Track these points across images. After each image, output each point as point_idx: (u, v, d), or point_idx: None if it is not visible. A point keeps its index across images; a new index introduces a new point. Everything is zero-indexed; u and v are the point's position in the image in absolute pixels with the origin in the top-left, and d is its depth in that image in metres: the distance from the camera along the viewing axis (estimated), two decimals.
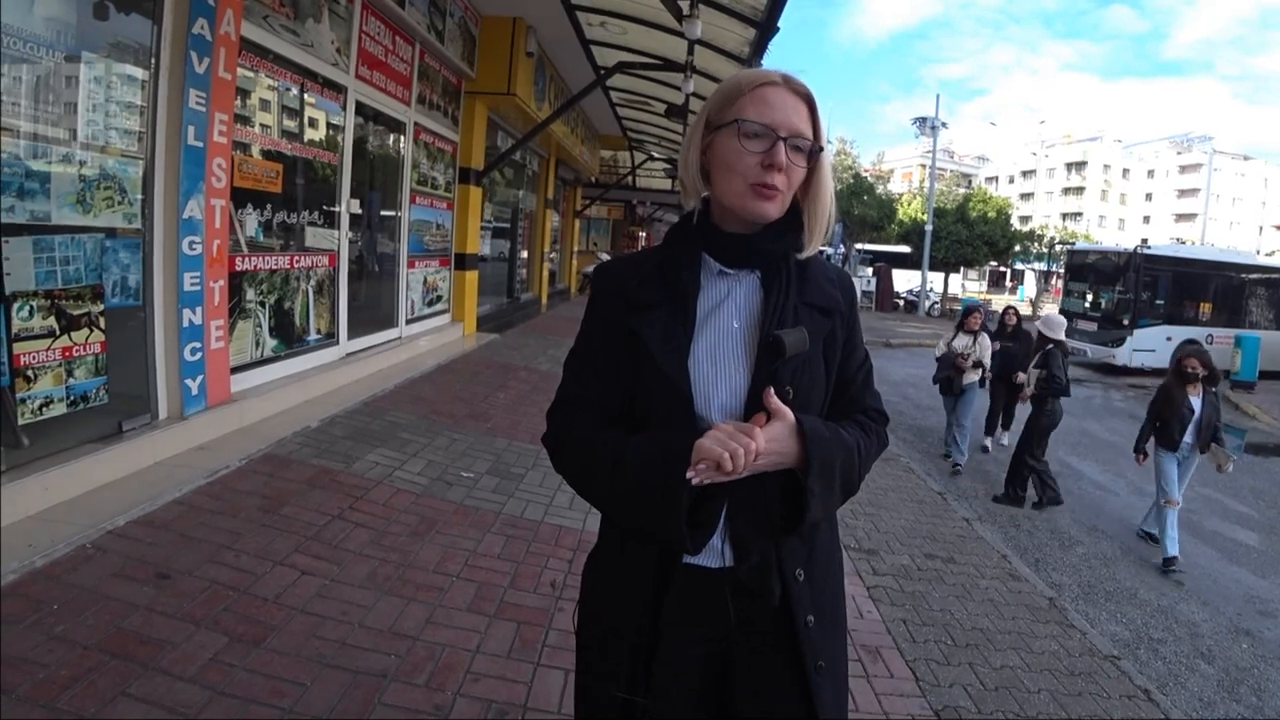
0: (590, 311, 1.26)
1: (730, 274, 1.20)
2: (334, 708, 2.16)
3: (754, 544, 1.14)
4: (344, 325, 5.90)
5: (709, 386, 1.14)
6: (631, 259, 1.29)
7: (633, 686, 1.15)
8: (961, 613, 3.70)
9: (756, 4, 5.83)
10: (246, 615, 2.51)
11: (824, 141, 1.17)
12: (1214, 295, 15.55)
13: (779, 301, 1.17)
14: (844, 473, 1.16)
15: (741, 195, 1.13)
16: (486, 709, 2.29)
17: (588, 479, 1.19)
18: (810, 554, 1.20)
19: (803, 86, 1.16)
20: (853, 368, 1.28)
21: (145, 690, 2.06)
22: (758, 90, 1.13)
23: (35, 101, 2.95)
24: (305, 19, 4.92)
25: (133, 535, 2.87)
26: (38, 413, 2.99)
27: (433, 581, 3.00)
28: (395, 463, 4.16)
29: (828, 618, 1.21)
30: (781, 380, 1.13)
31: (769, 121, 1.11)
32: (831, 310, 1.22)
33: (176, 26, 3.57)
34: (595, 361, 1.23)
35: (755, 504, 1.13)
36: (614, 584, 1.22)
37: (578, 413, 1.22)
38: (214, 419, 3.98)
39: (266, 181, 4.66)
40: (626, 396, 1.18)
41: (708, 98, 1.22)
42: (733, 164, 1.13)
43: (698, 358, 1.15)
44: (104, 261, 3.28)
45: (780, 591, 1.15)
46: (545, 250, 13.75)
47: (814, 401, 1.19)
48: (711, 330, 1.17)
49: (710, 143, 1.18)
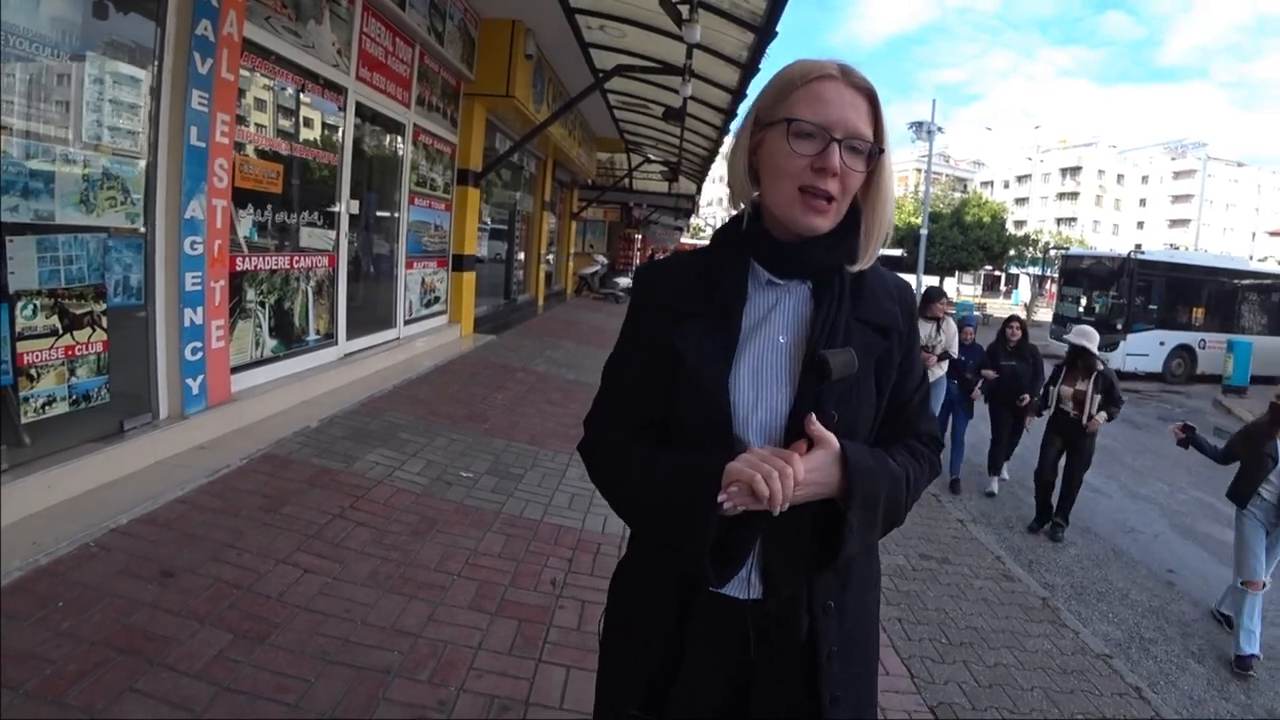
0: (629, 318, 1.18)
1: (779, 284, 1.11)
2: (339, 703, 2.18)
3: (785, 579, 1.07)
4: (343, 326, 5.91)
5: (748, 407, 1.06)
6: (673, 263, 1.19)
7: (648, 706, 1.11)
8: (956, 612, 3.74)
9: (755, 9, 5.87)
10: (250, 612, 2.53)
11: (886, 142, 1.07)
12: (1207, 300, 15.70)
13: (830, 316, 1.08)
14: (889, 505, 1.07)
15: (790, 204, 1.04)
16: (490, 704, 2.31)
17: (617, 492, 1.14)
18: (844, 588, 1.13)
19: (863, 80, 1.05)
20: (909, 389, 1.18)
21: (152, 685, 2.08)
22: (812, 85, 1.03)
23: (39, 102, 2.97)
24: (307, 20, 4.94)
25: (136, 533, 2.89)
26: (40, 411, 3.01)
27: (434, 580, 3.02)
28: (395, 463, 4.18)
29: (855, 648, 1.15)
30: (826, 404, 1.04)
31: (823, 120, 1.01)
32: (889, 329, 1.12)
33: (180, 27, 3.59)
34: (632, 371, 1.16)
35: (789, 535, 1.05)
36: (639, 601, 1.18)
37: (612, 423, 1.17)
38: (214, 418, 3.99)
39: (267, 182, 4.68)
40: (663, 407, 1.11)
41: (760, 91, 1.11)
42: (781, 167, 1.04)
43: (738, 375, 1.06)
44: (106, 261, 3.29)
45: (808, 625, 1.09)
46: (542, 252, 13.77)
47: (861, 427, 1.09)
48: (755, 345, 1.08)
49: (760, 141, 1.08)
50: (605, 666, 1.23)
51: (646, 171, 17.85)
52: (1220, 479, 3.83)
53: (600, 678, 1.24)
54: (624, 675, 1.17)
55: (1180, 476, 7.92)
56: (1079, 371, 5.66)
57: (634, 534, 1.23)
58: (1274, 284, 16.81)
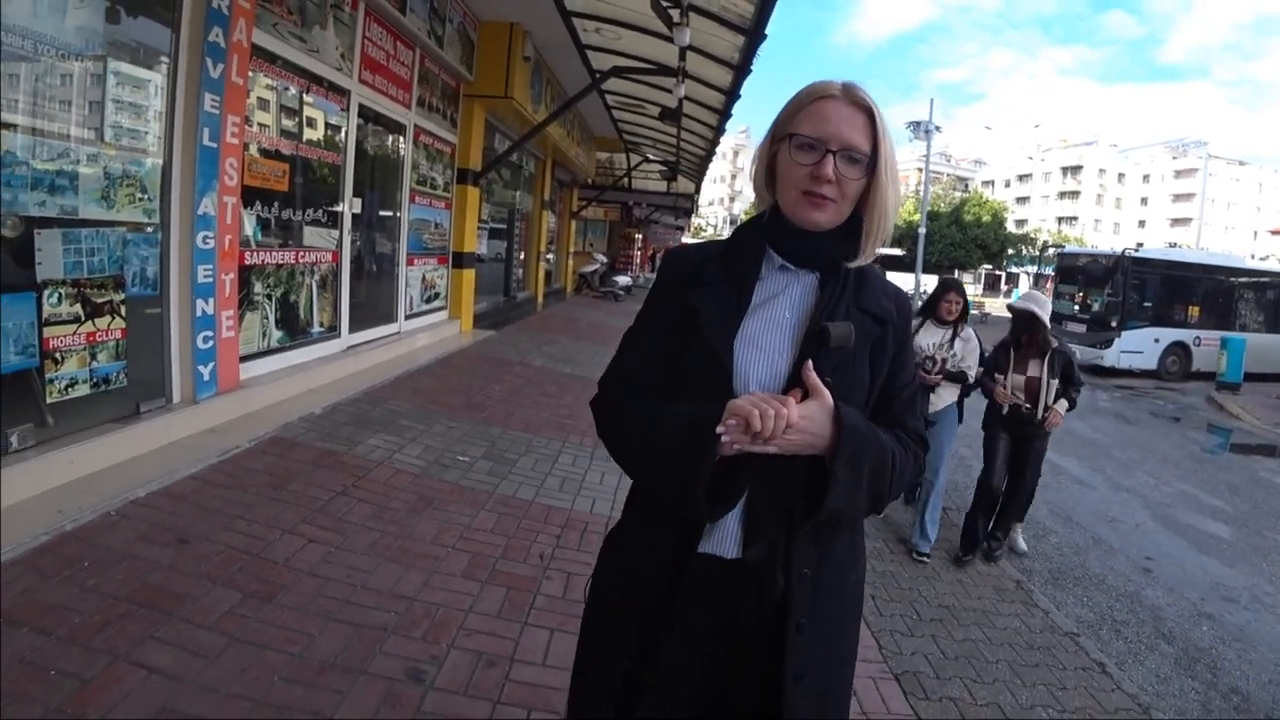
0: (653, 290, 1.33)
1: (790, 270, 1.25)
2: (339, 654, 2.38)
3: (765, 531, 1.15)
4: (345, 319, 6.13)
5: (749, 365, 1.17)
6: (699, 245, 1.35)
7: (640, 661, 1.18)
8: (929, 591, 3.92)
9: (744, 12, 6.05)
10: (259, 575, 2.74)
11: (885, 152, 1.19)
12: (1201, 298, 15.80)
13: (833, 299, 1.21)
14: (873, 472, 1.14)
15: (795, 203, 1.19)
16: (477, 659, 2.51)
17: (622, 439, 1.24)
18: (821, 558, 1.19)
19: (863, 98, 1.18)
20: (898, 384, 1.28)
21: (170, 635, 2.29)
22: (814, 105, 1.18)
23: (65, 105, 3.18)
24: (312, 26, 5.16)
25: (153, 505, 3.10)
26: (63, 393, 3.22)
27: (429, 551, 3.22)
28: (395, 446, 4.39)
29: (828, 628, 1.20)
30: (823, 370, 1.13)
31: (820, 135, 1.15)
32: (884, 320, 1.24)
33: (193, 34, 3.80)
34: (650, 336, 1.28)
35: (776, 491, 1.15)
36: (630, 564, 1.26)
37: (625, 382, 1.28)
38: (224, 404, 4.20)
39: (274, 180, 4.89)
40: (673, 373, 1.22)
41: (778, 111, 1.26)
42: (787, 174, 1.20)
43: (745, 336, 1.19)
44: (125, 253, 3.51)
45: (783, 586, 1.15)
46: (541, 250, 13.96)
47: (853, 402, 1.17)
48: (763, 315, 1.21)
49: (775, 153, 1.24)
50: (593, 625, 1.32)
51: (645, 171, 18.04)
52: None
53: (586, 636, 1.32)
54: (615, 633, 1.24)
55: (1167, 470, 8.05)
56: (1029, 350, 4.57)
57: (629, 501, 1.34)
58: (1268, 281, 16.93)
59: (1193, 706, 3.48)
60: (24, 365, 3.02)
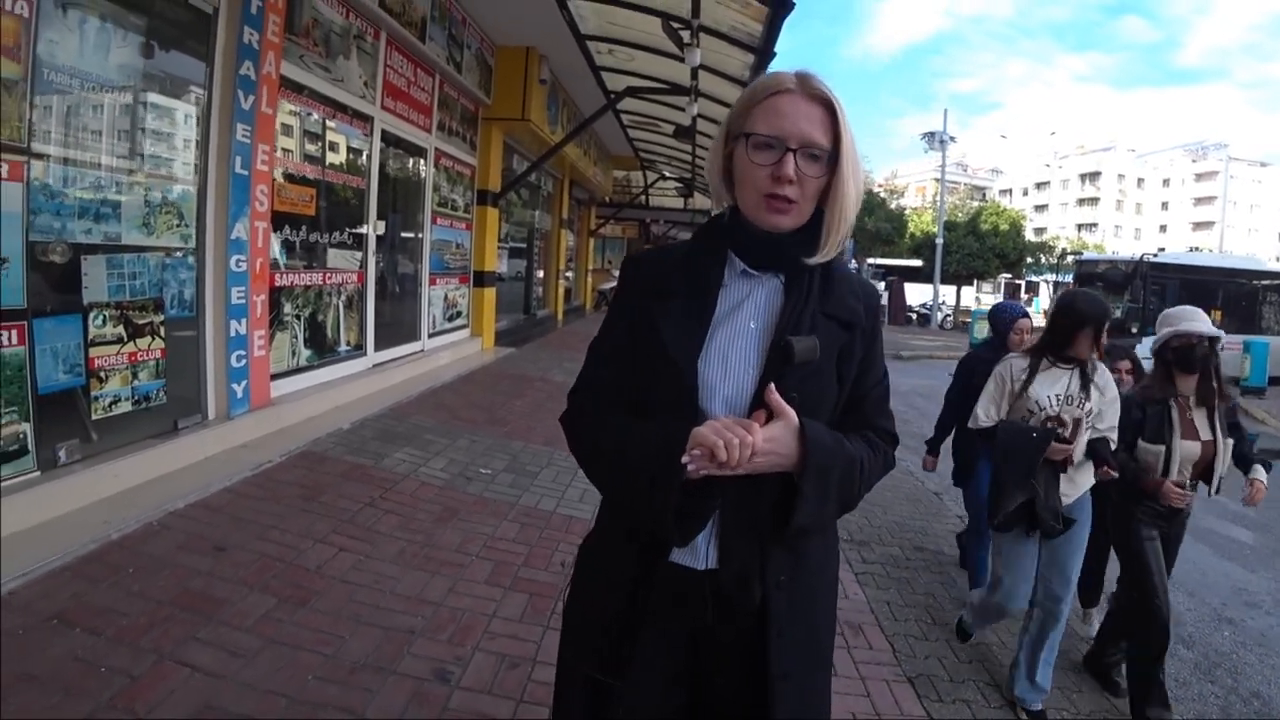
0: (615, 301, 1.29)
1: (754, 275, 1.20)
2: (369, 655, 2.50)
3: (738, 550, 1.14)
4: (371, 338, 6.31)
5: (716, 381, 1.14)
6: (660, 251, 1.29)
7: (607, 669, 1.17)
8: (944, 597, 3.95)
9: (753, 32, 6.19)
10: (292, 582, 2.87)
11: (846, 145, 1.13)
12: (1222, 302, 15.57)
13: (798, 307, 1.16)
14: (842, 483, 1.13)
15: (755, 207, 1.14)
16: (501, 660, 2.61)
17: (593, 458, 1.22)
18: (797, 563, 1.18)
19: (820, 89, 1.12)
20: (868, 384, 1.25)
21: (211, 636, 2.43)
22: (769, 100, 1.12)
23: (109, 137, 3.37)
24: (336, 56, 5.37)
25: (191, 515, 3.26)
26: (107, 410, 3.39)
27: (454, 559, 3.34)
28: (420, 460, 4.53)
29: (806, 628, 1.21)
30: (788, 385, 1.11)
31: (778, 133, 1.10)
32: (851, 324, 1.20)
33: (225, 68, 4.01)
34: (615, 347, 1.25)
35: (747, 509, 1.13)
36: (602, 572, 1.26)
37: (593, 395, 1.25)
38: (256, 420, 4.37)
39: (301, 205, 5.09)
40: (639, 384, 1.20)
41: (731, 108, 1.22)
42: (744, 176, 1.14)
43: (709, 352, 1.15)
44: (164, 277, 3.70)
45: (760, 595, 1.15)
46: (560, 268, 14.14)
47: (821, 412, 1.16)
48: (728, 327, 1.17)
49: (730, 152, 1.18)
50: (568, 631, 1.30)
51: (662, 188, 18.20)
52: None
53: (563, 643, 1.31)
54: (585, 639, 1.24)
55: None
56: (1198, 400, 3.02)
57: (602, 508, 1.33)
58: None
59: (1212, 710, 3.46)
60: (71, 384, 3.19)
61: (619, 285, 1.31)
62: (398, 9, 5.98)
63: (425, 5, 6.52)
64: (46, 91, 2.98)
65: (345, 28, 5.43)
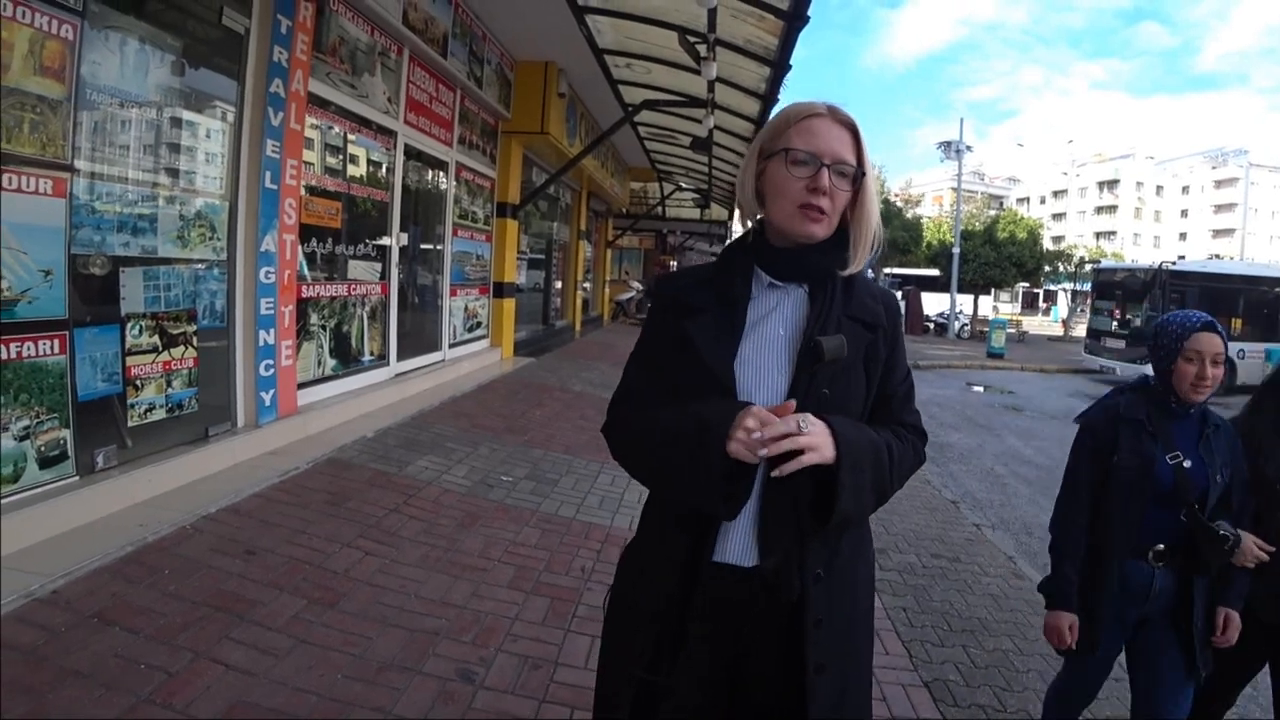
0: (650, 317, 1.39)
1: (780, 286, 1.29)
2: (396, 655, 2.57)
3: (779, 543, 1.19)
4: (394, 348, 6.42)
5: (751, 386, 1.22)
6: (689, 271, 1.39)
7: (653, 668, 1.21)
8: (961, 604, 3.95)
9: (769, 44, 6.26)
10: (320, 584, 2.95)
11: (868, 167, 1.26)
12: (1243, 310, 15.33)
13: (824, 312, 1.25)
14: (874, 470, 1.20)
15: (791, 217, 1.23)
16: (524, 661, 2.67)
17: (638, 448, 1.30)
18: (833, 557, 1.24)
19: (847, 116, 1.25)
20: (894, 383, 1.33)
21: (243, 635, 2.51)
22: (804, 122, 1.24)
23: (144, 153, 3.50)
24: (361, 73, 5.51)
25: (222, 520, 3.35)
26: (142, 417, 3.51)
27: (477, 564, 3.41)
28: (442, 468, 4.61)
29: (843, 621, 1.25)
30: (819, 384, 1.20)
31: (814, 149, 1.21)
32: (874, 325, 1.28)
33: (256, 86, 4.14)
34: (651, 361, 1.34)
35: (786, 506, 1.19)
36: (646, 572, 1.30)
37: (633, 405, 1.35)
38: (284, 428, 4.48)
39: (327, 218, 5.22)
40: (676, 394, 1.26)
41: (764, 129, 1.33)
42: (782, 188, 1.24)
43: (743, 359, 1.23)
44: (197, 288, 3.83)
45: (799, 588, 1.20)
46: (579, 279, 14.26)
47: (851, 410, 1.24)
48: (758, 336, 1.25)
49: (764, 169, 1.28)
50: (610, 635, 1.37)
51: (679, 199, 18.31)
52: None
53: (605, 646, 1.38)
54: (631, 641, 1.28)
55: None
56: None
57: (645, 513, 1.38)
58: None
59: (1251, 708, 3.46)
60: (109, 391, 3.31)
61: (652, 303, 1.40)
62: (421, 26, 6.13)
63: (447, 22, 6.67)
64: (88, 110, 3.11)
65: (370, 45, 5.57)
